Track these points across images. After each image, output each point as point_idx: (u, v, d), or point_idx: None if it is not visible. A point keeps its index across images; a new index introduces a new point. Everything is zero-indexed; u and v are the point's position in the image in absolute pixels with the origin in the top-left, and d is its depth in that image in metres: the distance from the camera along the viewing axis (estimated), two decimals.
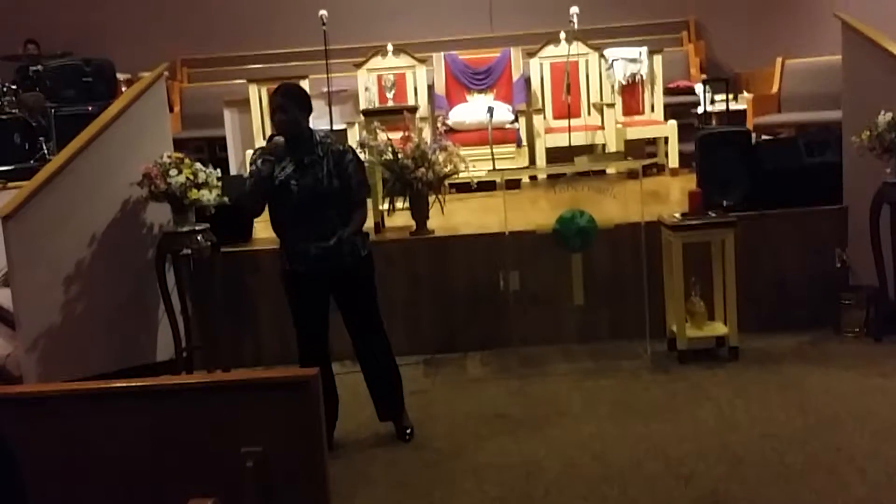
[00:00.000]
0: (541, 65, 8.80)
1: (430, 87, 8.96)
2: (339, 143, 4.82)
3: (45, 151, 8.13)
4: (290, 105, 4.53)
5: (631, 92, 8.70)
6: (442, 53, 9.08)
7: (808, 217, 6.20)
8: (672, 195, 7.49)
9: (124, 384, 2.68)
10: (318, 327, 4.77)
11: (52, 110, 8.26)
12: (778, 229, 6.18)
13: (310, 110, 4.65)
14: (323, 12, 8.32)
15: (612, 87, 8.68)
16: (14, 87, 8.47)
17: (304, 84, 8.57)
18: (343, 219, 4.56)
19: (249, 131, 8.60)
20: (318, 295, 4.72)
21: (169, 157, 5.54)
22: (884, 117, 5.55)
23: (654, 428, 4.75)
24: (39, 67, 8.81)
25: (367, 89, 8.78)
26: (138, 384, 2.67)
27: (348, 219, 4.57)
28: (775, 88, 9.15)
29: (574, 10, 8.13)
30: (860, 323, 5.97)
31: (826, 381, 5.26)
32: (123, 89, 8.16)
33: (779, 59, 9.24)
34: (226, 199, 5.66)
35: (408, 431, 4.85)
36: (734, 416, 4.83)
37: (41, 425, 2.59)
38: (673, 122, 8.47)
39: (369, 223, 6.56)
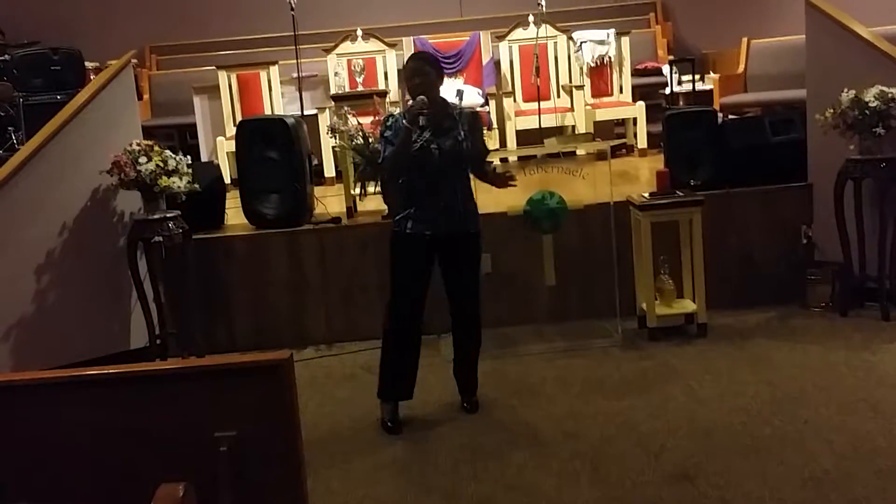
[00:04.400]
0: (510, 48, 8.82)
1: (400, 72, 8.96)
2: (466, 107, 4.85)
3: (14, 141, 8.08)
4: (427, 69, 4.60)
5: (599, 74, 8.75)
6: (412, 38, 9.08)
7: (774, 195, 6.28)
8: (641, 175, 7.56)
9: (95, 371, 2.67)
10: (420, 294, 4.79)
11: (21, 100, 8.21)
12: (744, 207, 6.26)
13: (443, 77, 4.75)
14: None
15: (581, 69, 8.72)
16: None
17: (274, 70, 8.62)
18: (469, 189, 4.75)
19: (219, 118, 8.58)
20: (429, 259, 4.77)
21: (138, 144, 5.53)
22: (846, 95, 5.62)
23: (625, 405, 4.82)
24: (6, 57, 8.74)
25: (336, 74, 8.76)
26: (109, 371, 2.67)
27: (471, 192, 4.77)
28: (741, 68, 9.22)
29: None
30: (826, 298, 6.07)
31: (793, 355, 5.34)
32: (92, 77, 8.11)
33: (744, 40, 9.31)
34: (196, 185, 5.67)
35: (465, 405, 4.94)
36: (703, 392, 4.91)
37: (12, 414, 2.60)
38: (641, 103, 8.54)
39: (341, 208, 6.63)
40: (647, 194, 5.84)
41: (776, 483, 3.88)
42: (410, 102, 4.61)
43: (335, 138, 6.79)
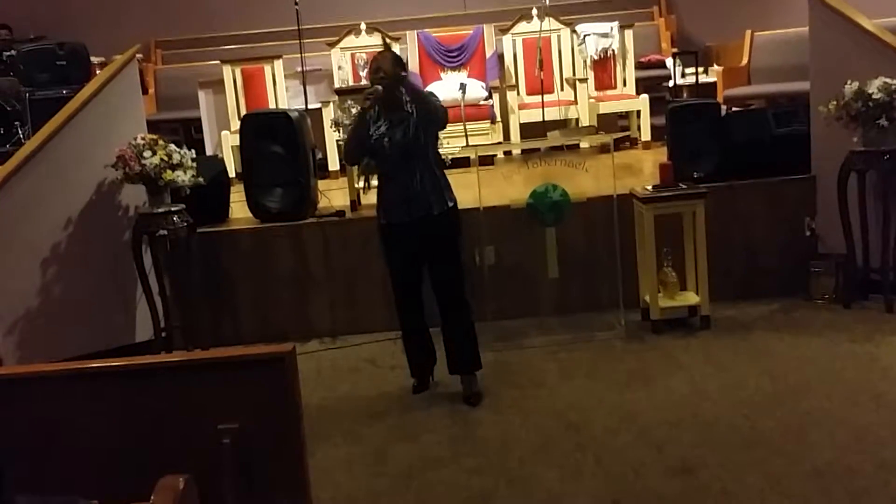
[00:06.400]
0: (513, 41, 8.81)
1: None
2: (425, 92, 4.93)
3: (21, 136, 8.09)
4: (388, 66, 4.74)
5: (603, 66, 8.74)
6: (415, 31, 9.06)
7: (778, 187, 6.27)
8: (644, 168, 7.55)
9: (100, 364, 2.69)
10: (410, 281, 4.98)
11: (27, 95, 8.21)
12: (748, 199, 6.25)
13: (405, 73, 4.87)
14: None
15: (585, 62, 8.72)
16: None
17: (278, 64, 8.63)
18: (430, 173, 4.79)
19: (224, 112, 8.60)
20: (409, 247, 4.90)
21: (143, 138, 5.55)
22: (850, 87, 5.62)
23: (627, 397, 4.83)
24: (12, 52, 8.76)
25: (340, 68, 8.78)
26: (114, 364, 2.69)
27: (434, 175, 4.80)
28: (745, 61, 9.19)
29: None
30: (829, 290, 6.07)
31: (796, 347, 5.34)
32: (97, 72, 8.12)
33: (748, 32, 9.27)
34: (201, 179, 5.69)
35: (470, 399, 4.96)
36: (706, 384, 4.91)
37: (16, 406, 2.61)
38: (645, 96, 8.54)
39: (345, 201, 6.63)
40: (650, 187, 5.84)
41: (778, 475, 3.88)
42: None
43: (339, 132, 6.80)
